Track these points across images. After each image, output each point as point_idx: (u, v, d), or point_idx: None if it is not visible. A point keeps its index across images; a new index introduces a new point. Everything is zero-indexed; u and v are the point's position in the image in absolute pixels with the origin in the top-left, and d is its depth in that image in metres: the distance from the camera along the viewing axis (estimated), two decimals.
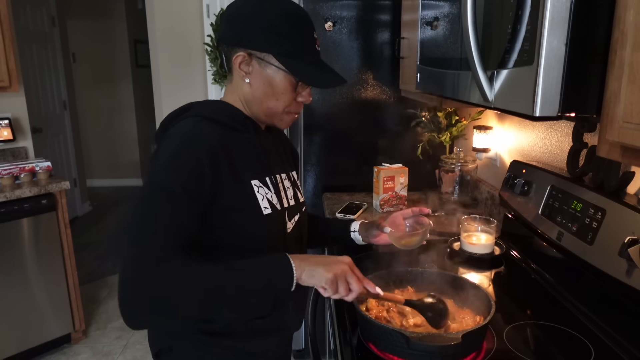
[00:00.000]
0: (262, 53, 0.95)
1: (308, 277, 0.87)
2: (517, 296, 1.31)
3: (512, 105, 0.85)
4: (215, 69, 2.85)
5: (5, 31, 2.47)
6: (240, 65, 0.97)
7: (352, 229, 1.27)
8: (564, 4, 0.73)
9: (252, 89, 0.99)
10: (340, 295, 0.88)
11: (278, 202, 1.02)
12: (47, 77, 4.37)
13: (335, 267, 0.88)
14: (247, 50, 0.96)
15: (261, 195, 0.99)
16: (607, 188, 1.14)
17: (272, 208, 1.00)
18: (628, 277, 0.98)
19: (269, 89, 0.98)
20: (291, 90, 0.98)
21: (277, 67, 0.95)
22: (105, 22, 5.77)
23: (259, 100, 1.00)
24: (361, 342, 1.02)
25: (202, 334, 1.01)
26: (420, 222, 1.24)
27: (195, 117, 0.97)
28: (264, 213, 0.98)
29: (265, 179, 1.01)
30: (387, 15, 2.12)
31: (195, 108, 1.01)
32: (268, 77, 0.97)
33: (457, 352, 0.92)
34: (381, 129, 2.24)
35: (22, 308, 2.48)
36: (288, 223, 1.06)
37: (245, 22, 0.95)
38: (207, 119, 0.97)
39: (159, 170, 0.88)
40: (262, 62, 0.96)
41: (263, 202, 0.99)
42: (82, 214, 5.02)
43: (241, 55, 0.96)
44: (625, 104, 0.69)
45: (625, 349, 0.98)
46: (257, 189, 0.99)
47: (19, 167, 2.53)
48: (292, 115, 1.03)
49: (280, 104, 0.99)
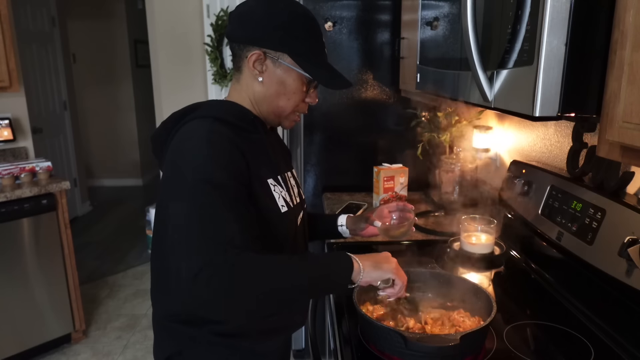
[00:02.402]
0: (277, 52, 0.96)
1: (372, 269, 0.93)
2: (517, 296, 1.31)
3: (512, 106, 0.85)
4: (215, 69, 2.86)
5: (6, 31, 2.47)
6: (254, 63, 0.97)
7: (339, 223, 1.30)
8: (564, 4, 0.73)
9: (265, 88, 1.00)
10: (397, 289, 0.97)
11: (290, 200, 1.05)
12: (47, 77, 4.37)
13: (391, 259, 0.97)
14: (262, 49, 0.96)
15: (277, 193, 1.01)
16: (607, 188, 1.13)
17: (287, 206, 1.02)
18: (628, 277, 0.98)
19: (282, 88, 0.99)
20: (302, 90, 1.00)
21: (290, 66, 0.97)
22: (105, 22, 5.77)
23: (269, 99, 1.01)
24: (361, 342, 1.02)
25: (213, 335, 0.99)
26: (405, 215, 1.29)
27: (205, 117, 0.95)
28: (282, 211, 1.00)
29: (277, 177, 1.03)
30: (387, 15, 2.12)
31: (204, 108, 0.99)
32: (281, 77, 0.98)
33: (456, 353, 0.92)
34: (381, 129, 2.24)
35: (22, 308, 2.48)
36: (298, 219, 1.09)
37: (259, 21, 0.96)
38: (217, 119, 0.94)
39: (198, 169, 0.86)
40: (276, 61, 0.97)
41: (280, 200, 1.00)
42: (82, 214, 5.02)
43: (256, 54, 0.96)
44: (625, 104, 0.69)
45: (625, 349, 0.98)
46: (274, 187, 1.00)
47: (19, 167, 2.53)
48: (298, 115, 1.06)
49: (290, 103, 1.01)
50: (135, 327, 2.95)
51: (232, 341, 1.01)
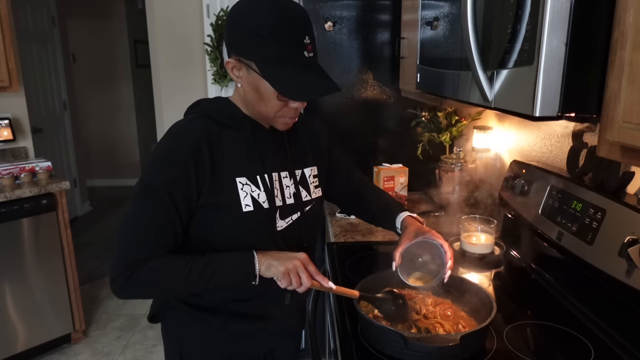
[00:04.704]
0: (248, 60, 0.95)
1: (266, 269, 0.98)
2: (517, 296, 1.31)
3: (512, 106, 0.85)
4: (215, 69, 2.85)
5: (6, 31, 2.47)
6: (232, 70, 0.99)
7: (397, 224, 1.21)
8: (564, 4, 0.73)
9: (245, 93, 1.01)
10: (292, 287, 0.98)
11: (267, 201, 1.02)
12: (47, 77, 4.37)
13: (288, 262, 0.97)
14: (237, 56, 0.97)
15: (245, 192, 1.00)
16: (607, 188, 1.13)
17: (255, 206, 1.01)
18: (628, 277, 0.98)
19: (257, 94, 0.98)
20: (277, 96, 0.96)
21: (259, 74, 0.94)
22: (105, 22, 5.76)
23: (251, 104, 1.02)
24: (361, 342, 1.02)
25: (187, 306, 1.09)
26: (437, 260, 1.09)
27: (196, 114, 1.03)
28: (243, 210, 0.99)
29: (255, 177, 1.02)
30: (387, 15, 2.12)
31: (201, 105, 1.07)
32: (255, 84, 0.97)
33: (456, 354, 0.92)
34: (381, 129, 2.24)
35: (22, 308, 2.48)
36: (279, 222, 1.06)
37: (234, 28, 0.96)
38: (205, 116, 1.02)
39: (149, 171, 0.97)
40: (249, 68, 0.96)
41: (245, 199, 1.00)
42: (82, 214, 5.02)
43: (231, 62, 0.98)
44: (625, 104, 0.69)
45: (625, 349, 0.98)
46: (242, 186, 1.00)
47: (19, 167, 2.53)
48: (289, 118, 1.02)
49: (270, 109, 0.99)
50: (135, 327, 2.95)
51: (205, 316, 1.09)
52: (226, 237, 1.01)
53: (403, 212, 1.21)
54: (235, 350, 1.12)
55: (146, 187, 0.96)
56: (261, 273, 0.98)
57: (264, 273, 0.98)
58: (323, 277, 1.01)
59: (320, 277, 1.00)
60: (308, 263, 0.99)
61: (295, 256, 0.99)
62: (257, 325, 1.11)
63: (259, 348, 1.16)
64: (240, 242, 1.01)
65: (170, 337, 1.16)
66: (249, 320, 1.10)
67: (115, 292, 0.96)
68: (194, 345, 1.11)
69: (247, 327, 1.10)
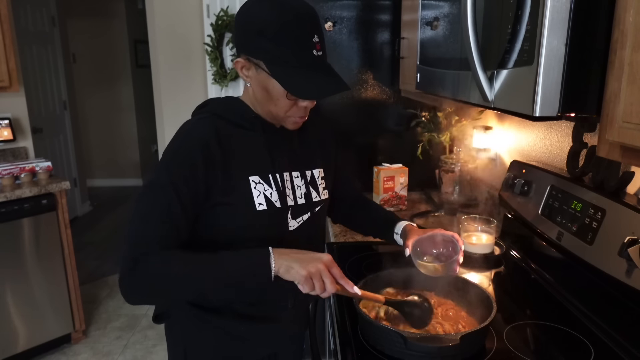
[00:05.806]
0: (256, 59, 0.95)
1: (285, 272, 0.89)
2: (517, 296, 1.31)
3: (512, 106, 0.85)
4: (215, 69, 2.85)
5: (6, 31, 2.47)
6: (241, 69, 0.99)
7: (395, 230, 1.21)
8: (564, 4, 0.73)
9: (254, 93, 1.01)
10: (315, 292, 0.90)
11: (279, 200, 1.02)
12: (47, 77, 4.37)
13: (311, 265, 0.88)
14: (245, 55, 0.97)
15: (258, 191, 0.99)
16: (607, 188, 1.13)
17: (267, 205, 1.00)
18: (628, 277, 0.98)
19: (266, 94, 0.98)
20: (286, 96, 0.96)
21: (268, 73, 0.94)
22: (105, 22, 5.77)
23: (261, 104, 1.02)
24: (361, 342, 1.02)
25: (193, 307, 1.07)
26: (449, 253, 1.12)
27: (206, 114, 1.02)
28: (257, 209, 0.99)
29: (267, 176, 1.02)
30: (387, 15, 2.12)
31: (211, 105, 1.06)
32: (264, 83, 0.97)
33: (456, 354, 0.92)
34: (381, 129, 2.24)
35: (22, 308, 2.48)
36: (291, 221, 1.05)
37: (242, 27, 0.96)
38: (216, 115, 1.01)
39: (157, 169, 0.96)
40: (258, 68, 0.96)
41: (259, 198, 0.99)
42: (82, 214, 5.02)
43: (241, 61, 0.98)
44: (625, 104, 0.69)
45: (625, 349, 0.98)
46: (255, 184, 0.99)
47: (19, 167, 2.53)
48: (299, 117, 1.02)
49: (279, 108, 0.99)
50: (135, 327, 2.95)
51: (208, 317, 1.07)
52: (238, 238, 0.99)
53: (403, 221, 1.23)
54: (239, 352, 1.11)
55: (153, 185, 0.95)
56: (280, 275, 0.89)
57: (283, 275, 0.89)
58: (347, 280, 0.92)
59: (345, 281, 0.92)
60: (332, 265, 0.91)
61: (319, 258, 0.90)
62: (262, 327, 1.10)
63: (263, 350, 1.14)
64: (252, 244, 0.96)
65: (174, 337, 1.15)
66: (254, 322, 1.08)
67: (122, 290, 0.91)
68: (199, 345, 1.10)
69: (252, 329, 1.09)
